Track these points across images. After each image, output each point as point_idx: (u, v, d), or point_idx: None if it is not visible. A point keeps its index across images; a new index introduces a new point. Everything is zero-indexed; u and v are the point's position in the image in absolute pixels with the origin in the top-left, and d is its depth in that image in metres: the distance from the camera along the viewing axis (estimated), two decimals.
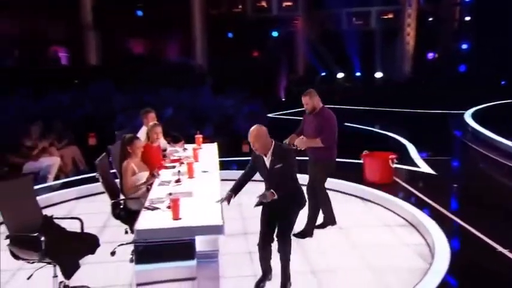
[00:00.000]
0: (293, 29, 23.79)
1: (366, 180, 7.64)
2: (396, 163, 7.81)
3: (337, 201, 6.31)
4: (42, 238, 3.84)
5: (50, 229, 4.20)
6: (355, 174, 7.74)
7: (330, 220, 6.05)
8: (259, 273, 4.69)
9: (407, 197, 6.95)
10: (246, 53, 21.70)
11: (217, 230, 3.87)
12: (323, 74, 23.24)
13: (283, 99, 20.75)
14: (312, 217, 5.86)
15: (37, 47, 16.95)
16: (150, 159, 5.51)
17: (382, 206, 6.83)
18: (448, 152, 10.62)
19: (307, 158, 5.91)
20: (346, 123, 12.72)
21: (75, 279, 4.20)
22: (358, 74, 23.48)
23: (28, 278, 4.16)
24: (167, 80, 16.51)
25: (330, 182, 6.30)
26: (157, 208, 4.23)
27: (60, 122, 9.60)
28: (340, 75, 23.28)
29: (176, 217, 3.96)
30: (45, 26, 17.55)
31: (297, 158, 4.49)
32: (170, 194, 4.29)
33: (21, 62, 15.79)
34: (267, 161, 4.43)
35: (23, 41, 17.23)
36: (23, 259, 3.98)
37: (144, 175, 5.09)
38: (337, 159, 5.81)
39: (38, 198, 6.99)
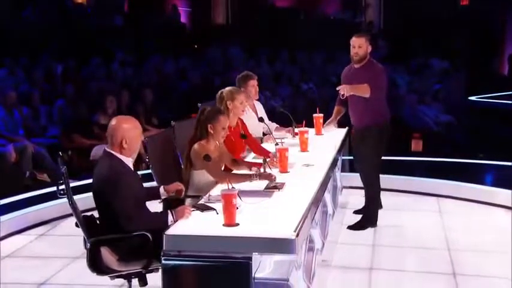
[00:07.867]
0: None
1: None
2: None
3: None
4: None
5: None
6: None
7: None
8: None
9: None
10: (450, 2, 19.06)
11: (283, 246, 3.46)
12: None
13: (507, 74, 17.65)
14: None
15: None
16: (230, 144, 5.19)
17: None
18: None
19: None
20: None
21: None
22: None
23: None
24: (319, 42, 16.20)
25: None
26: (211, 209, 3.95)
27: (151, 93, 9.74)
28: None
29: (229, 222, 3.64)
30: None
31: None
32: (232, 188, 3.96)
33: (131, 19, 16.62)
34: None
35: None
36: None
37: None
38: None
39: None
